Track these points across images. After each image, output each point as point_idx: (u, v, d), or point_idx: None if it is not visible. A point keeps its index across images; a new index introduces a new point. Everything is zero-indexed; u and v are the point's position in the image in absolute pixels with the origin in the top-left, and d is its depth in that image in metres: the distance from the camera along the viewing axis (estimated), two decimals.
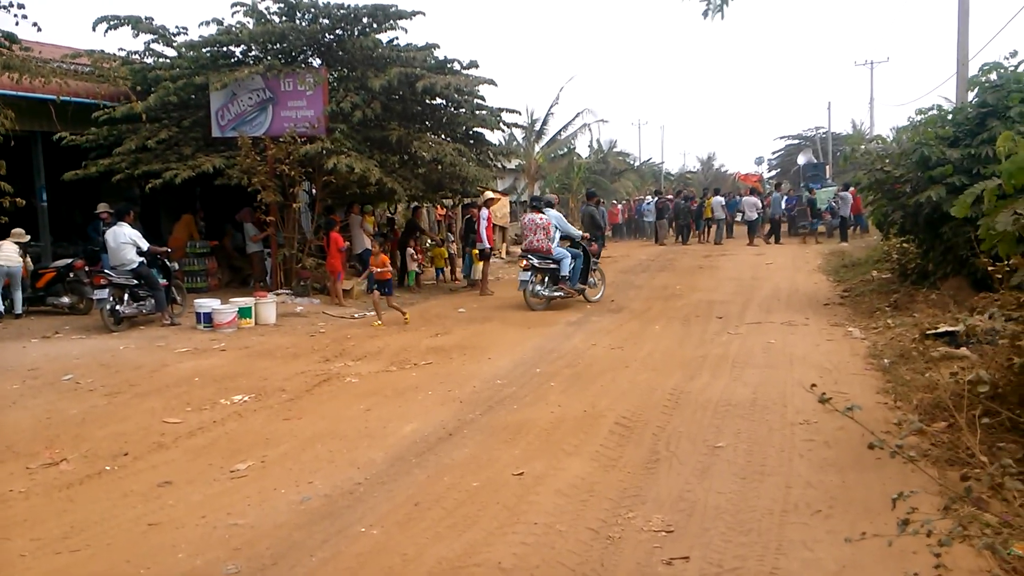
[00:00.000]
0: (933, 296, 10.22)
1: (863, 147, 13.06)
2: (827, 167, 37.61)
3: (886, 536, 3.01)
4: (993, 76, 10.30)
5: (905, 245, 12.90)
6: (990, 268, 5.24)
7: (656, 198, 32.41)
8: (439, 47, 15.71)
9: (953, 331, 7.76)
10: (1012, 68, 10.21)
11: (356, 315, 12.62)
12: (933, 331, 8.17)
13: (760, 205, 28.24)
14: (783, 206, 27.56)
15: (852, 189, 23.83)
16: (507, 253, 26.05)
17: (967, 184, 9.30)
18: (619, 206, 37.17)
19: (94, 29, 14.37)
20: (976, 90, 10.72)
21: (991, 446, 4.61)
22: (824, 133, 46.64)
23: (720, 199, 28.84)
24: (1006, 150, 4.54)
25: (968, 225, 8.02)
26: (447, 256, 18.31)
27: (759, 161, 50.85)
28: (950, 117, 11.18)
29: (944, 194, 9.78)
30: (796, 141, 52.06)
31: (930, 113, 11.27)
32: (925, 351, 7.63)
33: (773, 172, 54.84)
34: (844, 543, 3.76)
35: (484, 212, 15.65)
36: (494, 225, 25.94)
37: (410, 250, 16.70)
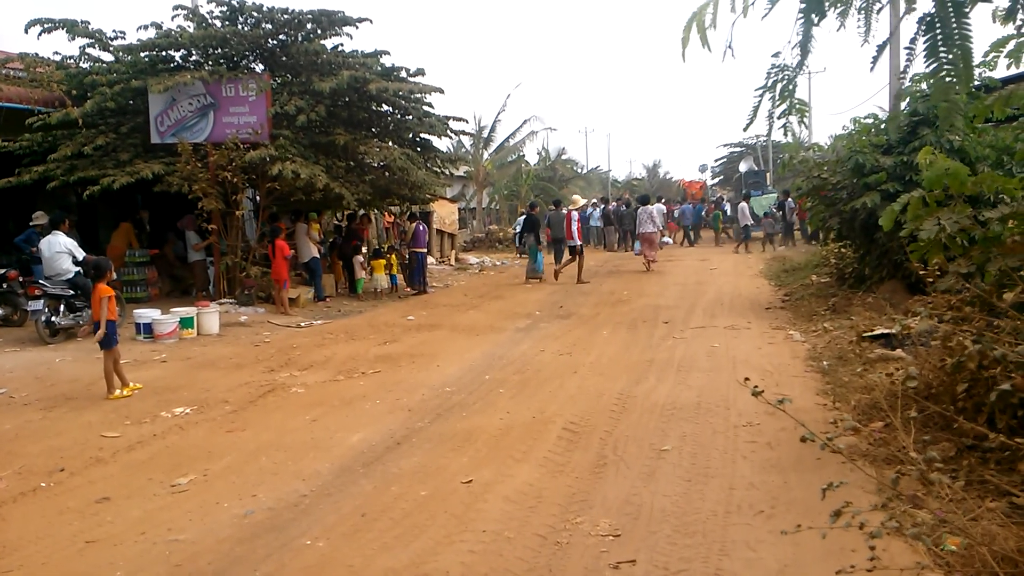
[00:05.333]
0: (870, 299, 10.51)
1: (801, 155, 13.39)
2: (767, 174, 38.40)
3: (821, 529, 3.08)
4: (923, 86, 10.66)
5: (843, 250, 13.26)
6: (922, 272, 5.40)
7: (604, 205, 32.71)
8: (388, 54, 15.69)
9: (889, 333, 8.00)
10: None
11: (302, 324, 12.46)
12: (869, 333, 8.41)
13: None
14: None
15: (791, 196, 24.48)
16: (456, 260, 25.97)
17: (900, 190, 9.61)
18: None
19: (27, 32, 13.94)
20: (908, 100, 11.08)
21: (926, 444, 4.75)
22: (764, 141, 47.61)
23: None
24: (926, 163, 4.70)
25: (901, 230, 8.29)
26: (398, 263, 18.18)
27: (703, 168, 51.66)
28: (883, 126, 11.54)
29: (879, 200, 10.08)
30: (738, 149, 53.01)
31: (865, 121, 11.60)
32: (862, 353, 7.85)
33: (716, 179, 55.76)
34: (787, 544, 3.86)
35: (574, 214, 18.06)
36: (440, 231, 26.03)
37: (359, 258, 16.56)
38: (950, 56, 3.38)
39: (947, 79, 3.43)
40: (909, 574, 3.36)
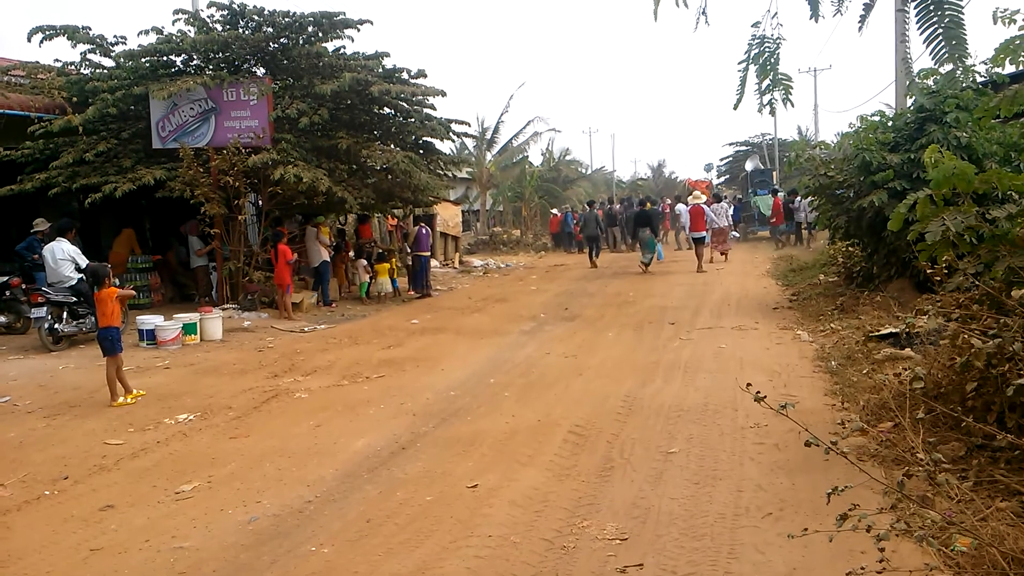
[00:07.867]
0: (878, 298, 10.43)
1: (807, 153, 13.31)
2: (774, 173, 38.29)
3: (829, 532, 3.04)
4: (930, 82, 10.58)
5: (850, 249, 13.18)
6: (930, 271, 5.35)
7: (610, 206, 32.52)
8: (390, 55, 15.68)
9: (897, 332, 7.94)
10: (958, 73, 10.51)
11: (306, 329, 12.43)
12: (877, 333, 8.35)
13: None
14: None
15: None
16: (460, 263, 25.93)
17: (907, 188, 9.54)
18: (559, 214, 34.45)
19: (29, 39, 13.97)
20: (914, 96, 11.00)
21: (934, 444, 4.70)
22: (770, 139, 47.49)
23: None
24: (931, 162, 4.66)
25: (909, 228, 8.23)
26: (400, 267, 18.13)
27: (708, 168, 51.32)
28: (890, 123, 11.46)
29: (886, 198, 10.01)
30: (744, 148, 52.85)
31: (871, 119, 11.53)
32: (870, 353, 7.79)
33: (722, 178, 55.62)
34: (795, 546, 3.81)
35: (705, 207, 19.96)
36: (443, 234, 26.00)
37: (362, 261, 16.54)
38: (945, 22, 3.37)
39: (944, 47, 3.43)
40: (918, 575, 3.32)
